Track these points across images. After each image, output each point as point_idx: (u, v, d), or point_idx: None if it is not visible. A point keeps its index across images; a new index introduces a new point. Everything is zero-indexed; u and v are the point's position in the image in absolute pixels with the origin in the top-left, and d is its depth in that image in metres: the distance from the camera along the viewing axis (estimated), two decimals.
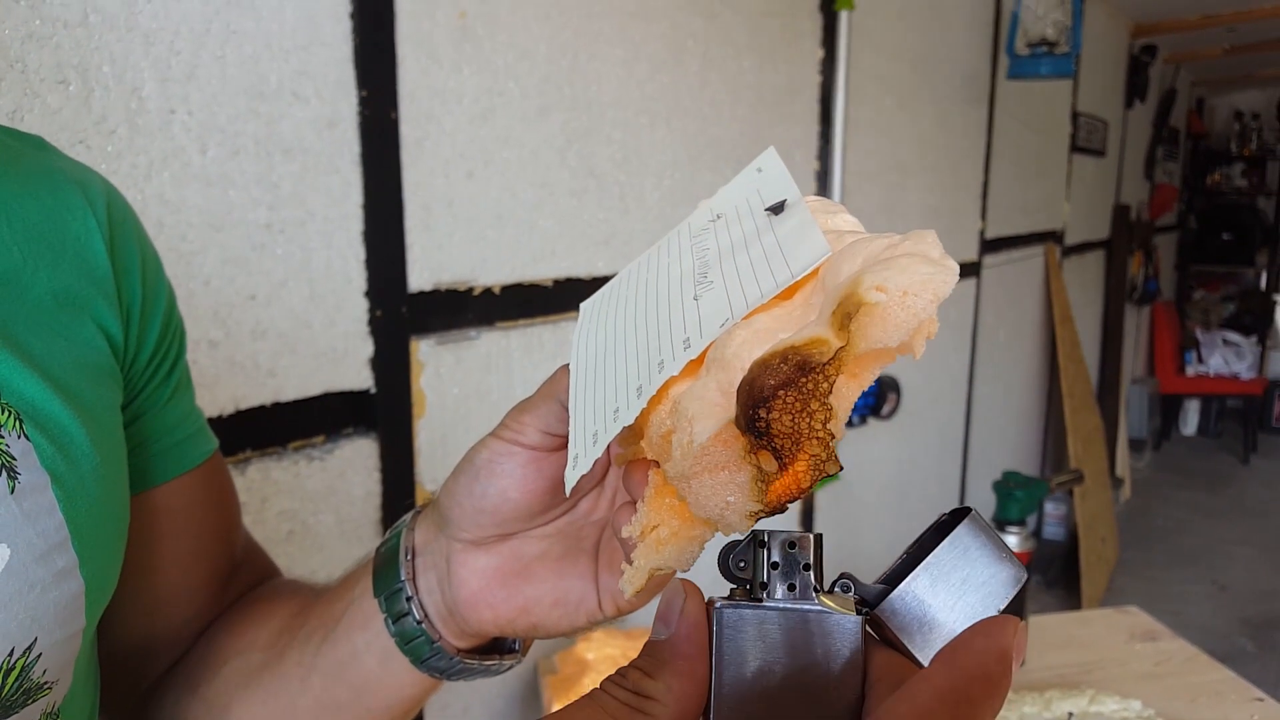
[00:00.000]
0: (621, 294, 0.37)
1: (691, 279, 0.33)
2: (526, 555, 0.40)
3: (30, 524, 0.36)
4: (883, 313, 0.27)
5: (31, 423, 0.37)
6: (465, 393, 1.15)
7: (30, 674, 0.36)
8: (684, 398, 0.29)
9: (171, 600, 0.50)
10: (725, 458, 0.29)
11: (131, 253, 0.45)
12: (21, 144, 0.44)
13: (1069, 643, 1.34)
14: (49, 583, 0.36)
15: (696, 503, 0.30)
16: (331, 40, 0.96)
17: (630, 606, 0.39)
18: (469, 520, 0.40)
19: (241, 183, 0.90)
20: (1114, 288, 4.40)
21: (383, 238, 1.03)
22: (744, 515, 0.29)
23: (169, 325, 0.47)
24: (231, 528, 0.54)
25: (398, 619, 0.42)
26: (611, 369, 0.34)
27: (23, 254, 0.39)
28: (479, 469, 0.39)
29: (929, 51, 2.29)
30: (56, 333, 0.40)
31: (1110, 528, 3.61)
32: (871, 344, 0.27)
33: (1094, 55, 3.73)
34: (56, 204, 0.42)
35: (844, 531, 2.14)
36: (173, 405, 0.48)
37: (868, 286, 0.27)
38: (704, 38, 1.48)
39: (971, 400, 2.87)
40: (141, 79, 0.83)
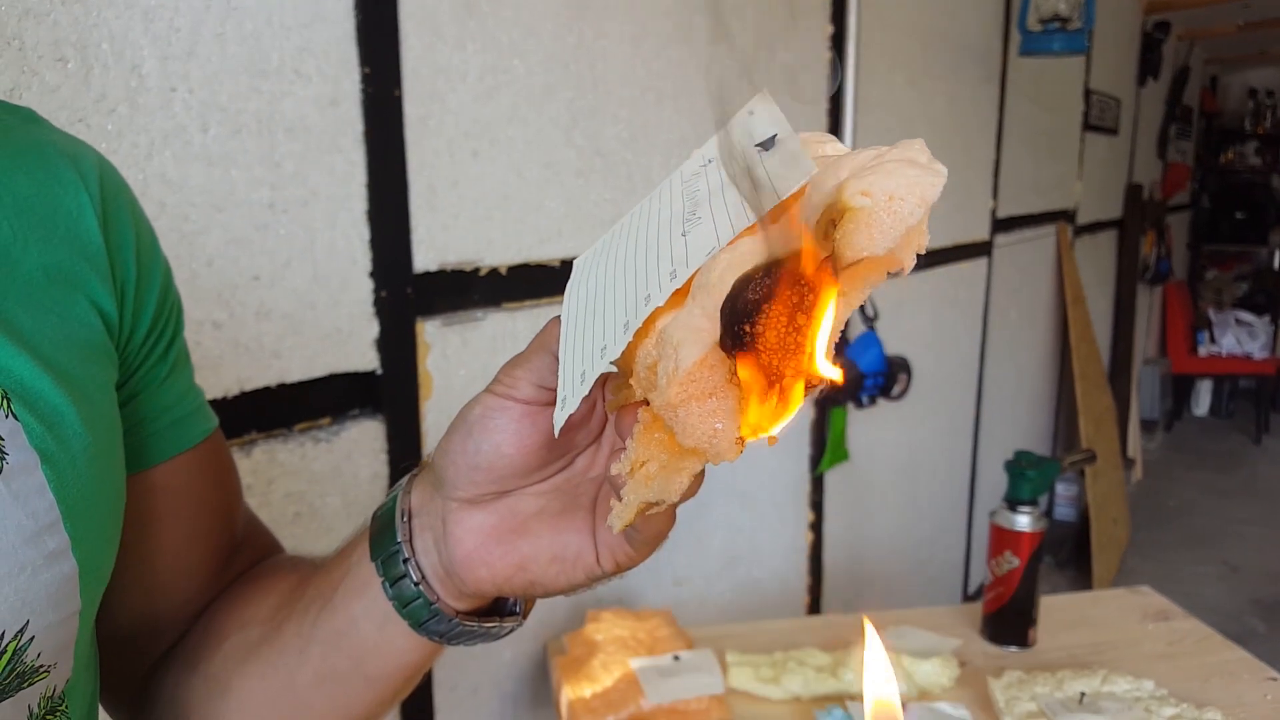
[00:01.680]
0: (612, 245, 0.37)
1: (681, 219, 0.33)
2: (523, 512, 0.40)
3: (19, 505, 0.35)
4: (868, 217, 0.26)
5: (20, 401, 0.36)
6: (472, 374, 1.15)
7: (23, 657, 0.35)
8: (669, 326, 0.29)
9: (172, 580, 0.50)
10: (711, 383, 0.28)
11: (125, 228, 0.44)
12: (12, 117, 0.43)
13: (1081, 623, 1.34)
14: (40, 564, 0.35)
15: (684, 432, 0.29)
16: (333, 16, 0.95)
17: (628, 560, 0.38)
18: (464, 478, 0.39)
19: (244, 162, 0.89)
20: (1126, 267, 4.35)
21: (387, 218, 1.02)
22: (733, 441, 0.28)
23: (165, 301, 0.46)
24: (232, 507, 0.54)
25: (395, 581, 0.41)
26: (600, 313, 0.33)
27: (12, 229, 0.38)
28: (472, 425, 0.38)
29: (939, 28, 2.26)
30: (47, 309, 0.39)
31: (1121, 508, 3.59)
32: (858, 252, 0.26)
33: (1106, 32, 3.68)
34: (47, 178, 0.41)
35: (855, 513, 2.13)
36: (170, 383, 0.47)
37: (852, 192, 0.26)
38: (712, 13, 1.45)
39: (983, 380, 2.85)
40: (141, 56, 0.82)
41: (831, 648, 1.20)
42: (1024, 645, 1.26)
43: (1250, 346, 5.38)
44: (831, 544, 2.04)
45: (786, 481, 1.87)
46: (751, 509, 1.75)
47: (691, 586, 1.59)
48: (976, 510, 2.89)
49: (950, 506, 2.71)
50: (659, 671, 1.11)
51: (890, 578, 2.34)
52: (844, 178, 0.27)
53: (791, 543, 1.91)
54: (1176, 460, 4.80)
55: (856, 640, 1.23)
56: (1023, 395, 3.31)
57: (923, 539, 2.51)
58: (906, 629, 1.26)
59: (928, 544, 2.58)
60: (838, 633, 1.28)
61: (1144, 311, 4.98)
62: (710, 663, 1.15)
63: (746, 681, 1.13)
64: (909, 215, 0.26)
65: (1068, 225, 3.50)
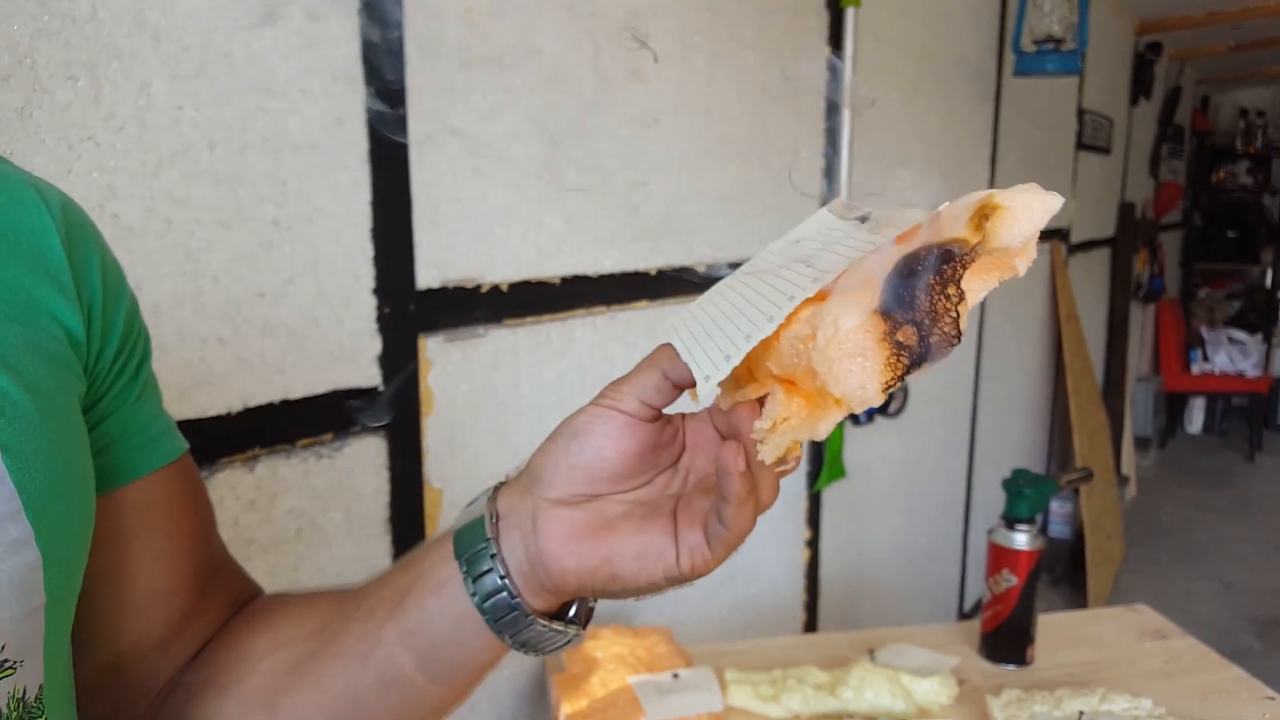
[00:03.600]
0: (712, 300, 0.43)
1: (798, 265, 0.39)
2: (610, 514, 0.44)
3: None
4: (1012, 215, 0.34)
5: None
6: (473, 390, 1.15)
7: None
8: (826, 305, 0.36)
9: (152, 600, 0.50)
10: (863, 345, 0.35)
11: (90, 251, 0.45)
12: None
13: (1079, 641, 1.34)
14: (1, 553, 0.36)
15: (836, 382, 0.36)
16: (339, 37, 0.96)
17: (704, 563, 0.42)
18: (561, 477, 0.43)
19: (250, 180, 0.90)
20: (1119, 285, 4.38)
21: (391, 235, 1.02)
22: (880, 387, 0.35)
23: (132, 327, 0.47)
24: (206, 529, 0.54)
25: (478, 577, 0.44)
26: (726, 326, 0.39)
27: None
28: (577, 429, 0.43)
29: (935, 47, 2.28)
30: (9, 319, 0.39)
31: (1116, 526, 3.60)
32: (1002, 242, 0.33)
33: (1099, 52, 3.72)
34: (10, 200, 0.42)
35: (851, 529, 2.13)
36: (140, 405, 0.48)
37: (1000, 198, 0.34)
38: (710, 33, 1.47)
39: (978, 398, 2.87)
40: (150, 75, 0.82)
41: (830, 666, 1.20)
42: (1022, 663, 1.26)
43: (1243, 364, 5.41)
44: (828, 560, 2.04)
45: (784, 498, 1.87)
46: None
47: (689, 603, 1.59)
48: (972, 526, 2.89)
49: (946, 522, 2.71)
50: (658, 689, 1.11)
51: (887, 594, 2.34)
52: (987, 194, 0.35)
53: (789, 559, 1.91)
54: (1170, 477, 4.81)
55: (855, 658, 1.23)
56: (1017, 412, 3.32)
57: (919, 555, 2.52)
58: (905, 647, 1.26)
59: (924, 560, 2.58)
60: (836, 650, 1.28)
61: (1137, 329, 5.00)
62: (709, 681, 1.15)
63: (746, 699, 1.13)
64: (1039, 219, 0.34)
65: (1061, 243, 3.53)
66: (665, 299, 1.45)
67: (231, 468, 0.92)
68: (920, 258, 0.34)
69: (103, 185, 0.80)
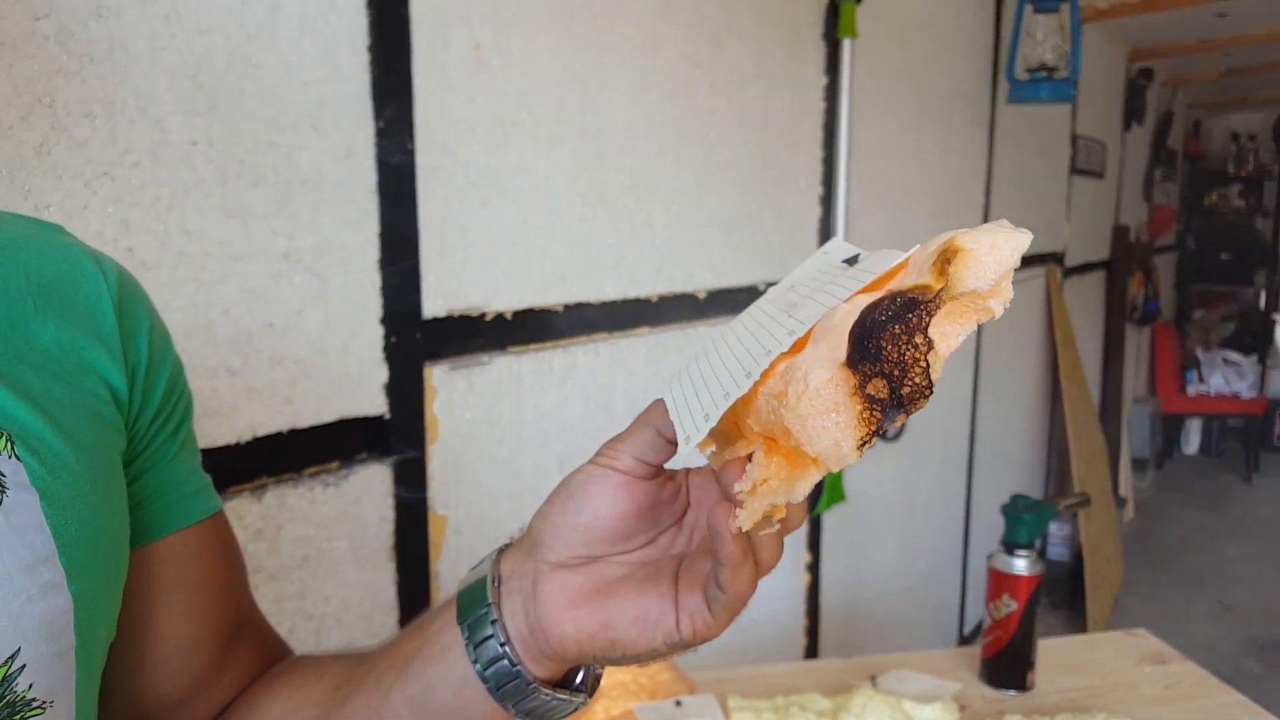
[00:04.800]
0: (704, 354, 0.42)
1: (782, 314, 0.38)
2: (610, 576, 0.43)
3: (17, 536, 0.37)
4: (976, 258, 0.32)
5: (23, 445, 0.39)
6: (477, 418, 1.16)
7: (14, 685, 0.37)
8: (798, 359, 0.35)
9: (177, 654, 0.51)
10: (835, 400, 0.33)
11: (139, 319, 0.47)
12: (42, 227, 0.47)
13: (1079, 666, 1.34)
14: (34, 594, 0.38)
15: (811, 441, 0.34)
16: (349, 73, 0.98)
17: (705, 629, 0.41)
18: (560, 540, 0.42)
19: (261, 213, 0.91)
20: (1115, 308, 4.41)
21: (398, 265, 1.04)
22: (855, 444, 0.33)
23: (174, 389, 0.50)
24: (235, 586, 0.55)
25: (480, 643, 0.43)
26: (710, 383, 0.38)
27: (35, 305, 0.42)
28: (574, 490, 0.42)
29: (930, 76, 2.32)
30: (58, 377, 0.42)
31: (1115, 548, 3.61)
32: (966, 286, 0.32)
33: (1092, 79, 3.77)
34: (71, 269, 0.45)
35: (851, 555, 2.14)
36: (177, 463, 0.50)
37: (962, 240, 0.33)
38: (711, 67, 1.50)
39: (975, 421, 2.88)
40: (165, 112, 0.84)
41: (833, 692, 1.21)
42: (1022, 689, 1.27)
43: (1238, 386, 5.44)
44: (829, 585, 2.04)
45: None
46: None
47: None
48: (971, 550, 2.90)
49: (946, 547, 2.72)
50: (661, 716, 1.12)
51: (887, 618, 2.34)
52: (949, 236, 0.33)
53: (790, 584, 1.92)
54: (1168, 499, 4.82)
55: (857, 684, 1.23)
56: (1015, 435, 3.33)
57: (919, 579, 2.52)
58: (907, 673, 1.27)
59: (924, 584, 2.59)
60: (839, 677, 1.28)
61: (1133, 351, 5.03)
62: (713, 708, 1.15)
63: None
64: (1006, 260, 0.33)
65: (1057, 267, 3.56)
66: (666, 325, 1.46)
67: (240, 497, 0.93)
68: (883, 307, 0.33)
69: (118, 220, 0.82)
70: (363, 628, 1.05)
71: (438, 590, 1.14)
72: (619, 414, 1.39)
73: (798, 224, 1.80)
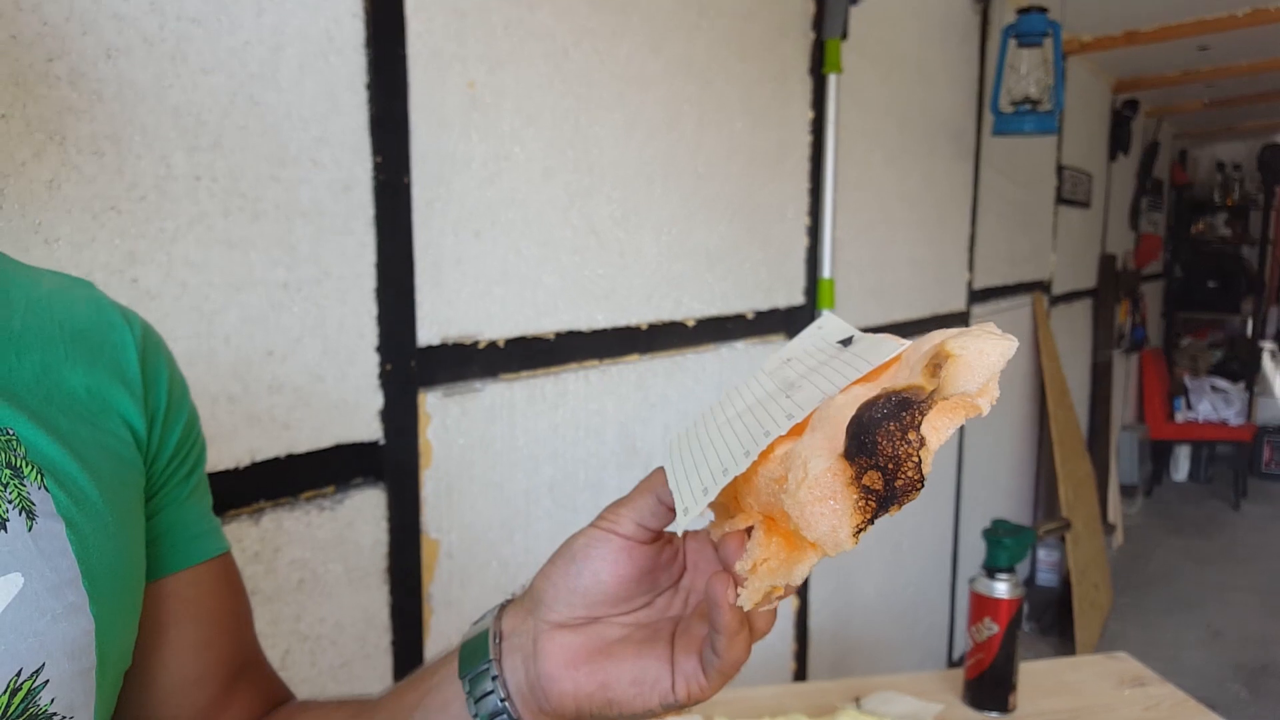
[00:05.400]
0: (708, 418, 0.44)
1: (780, 392, 0.40)
2: (609, 637, 0.44)
3: (44, 559, 0.40)
4: (966, 364, 0.35)
5: (51, 478, 0.42)
6: (470, 443, 1.19)
7: (37, 699, 0.40)
8: (797, 446, 0.37)
9: (182, 686, 0.54)
10: (832, 488, 0.35)
11: (160, 368, 0.51)
12: (74, 282, 0.51)
13: (1060, 689, 1.37)
14: (59, 613, 0.41)
15: (809, 527, 0.36)
16: (348, 109, 1.01)
17: (700, 691, 0.43)
18: (562, 600, 0.44)
19: (262, 245, 0.94)
20: (1102, 335, 4.46)
21: (394, 295, 1.07)
22: (851, 532, 0.35)
23: (189, 434, 0.53)
24: (240, 624, 0.58)
25: (480, 698, 0.45)
26: (709, 455, 0.40)
27: (65, 352, 0.46)
28: (576, 553, 0.44)
29: (915, 110, 2.37)
30: (85, 419, 0.46)
31: (1103, 574, 3.63)
32: (957, 389, 0.34)
33: (1077, 110, 3.85)
34: (100, 320, 0.49)
35: (837, 582, 2.16)
36: (190, 504, 0.54)
37: (954, 346, 0.35)
38: (699, 102, 1.54)
39: (962, 449, 2.91)
40: (170, 148, 0.88)
41: (818, 714, 1.23)
42: (1004, 710, 1.29)
43: (1226, 413, 5.49)
44: (817, 610, 2.06)
45: None
46: None
47: None
48: (959, 575, 2.92)
49: (934, 572, 2.74)
50: None
51: (876, 644, 2.35)
52: (940, 340, 0.36)
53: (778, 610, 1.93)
54: (1157, 525, 4.84)
55: (842, 705, 1.25)
56: (1003, 462, 3.37)
57: (907, 604, 2.54)
58: (890, 694, 1.29)
59: (912, 610, 2.60)
60: (824, 698, 1.31)
61: (1121, 379, 5.08)
62: None
63: None
64: (993, 365, 0.35)
65: (1043, 295, 3.61)
66: (656, 353, 1.50)
67: (238, 520, 0.95)
68: (879, 405, 0.34)
69: (124, 251, 0.85)
70: (357, 649, 1.07)
71: (430, 613, 1.16)
72: (609, 440, 1.42)
73: (786, 254, 1.85)
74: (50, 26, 0.78)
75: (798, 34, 1.81)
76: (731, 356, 1.70)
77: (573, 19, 1.28)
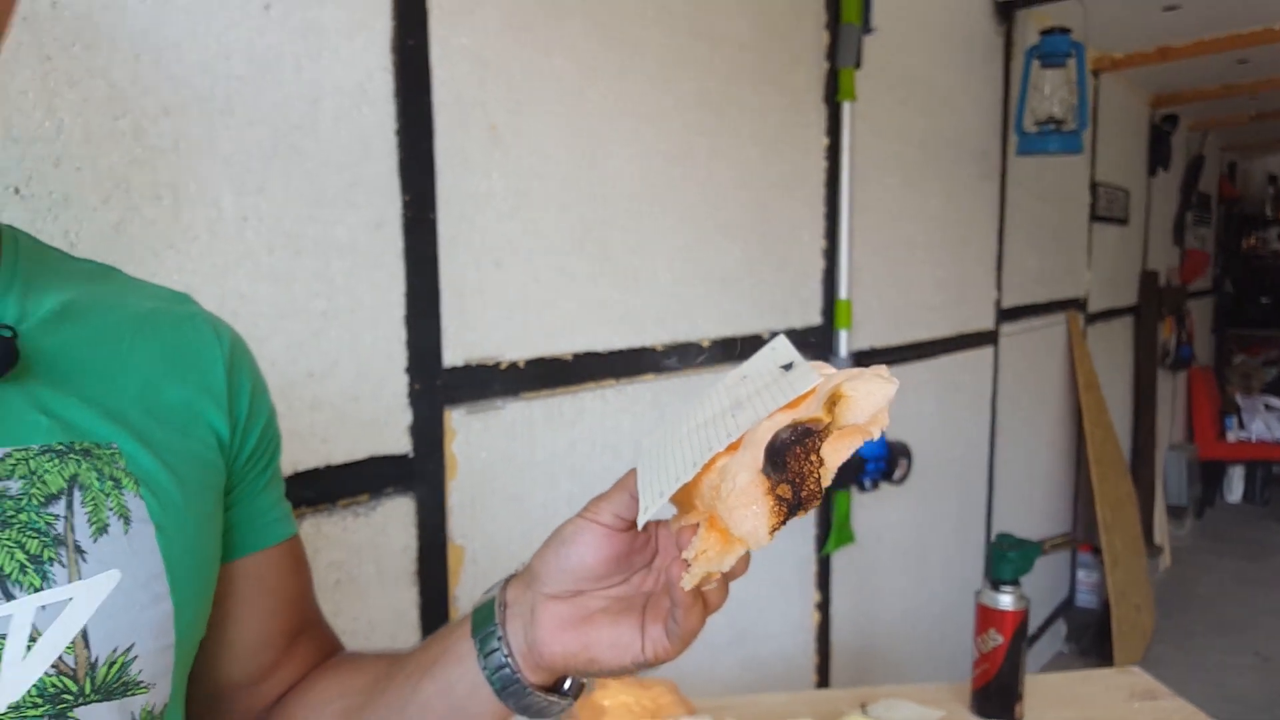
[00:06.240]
0: (674, 425, 0.54)
1: (729, 411, 0.50)
2: (591, 608, 0.53)
3: (137, 558, 0.50)
4: (855, 402, 0.45)
5: (145, 487, 0.52)
6: (492, 457, 1.28)
7: (129, 670, 0.49)
8: (729, 463, 0.46)
9: (249, 650, 0.64)
10: (754, 496, 0.45)
11: (244, 378, 0.62)
12: (174, 297, 0.62)
13: (1069, 701, 1.40)
14: (146, 602, 0.50)
15: (736, 526, 0.46)
16: (380, 154, 1.12)
17: (664, 653, 0.52)
18: (553, 577, 0.53)
19: (302, 278, 1.05)
20: (1144, 353, 4.42)
21: (421, 321, 1.17)
22: (767, 531, 0.45)
23: (267, 433, 0.64)
24: (303, 595, 0.69)
25: (488, 654, 0.55)
26: (669, 462, 0.49)
27: (164, 370, 0.56)
28: (564, 538, 0.53)
29: (936, 132, 2.43)
30: (177, 429, 0.55)
31: (1146, 596, 3.59)
32: (846, 421, 0.44)
33: (1111, 127, 3.85)
34: (195, 337, 0.59)
35: (862, 594, 2.20)
36: (264, 495, 0.64)
37: (845, 386, 0.45)
38: (712, 133, 1.63)
39: (994, 466, 2.93)
40: (220, 193, 0.99)
41: (824, 719, 1.28)
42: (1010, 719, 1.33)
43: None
44: (839, 623, 2.11)
45: (792, 561, 1.96)
46: (758, 587, 1.84)
47: (697, 660, 1.68)
48: None
49: (962, 588, 2.75)
50: None
51: (900, 657, 2.38)
52: (840, 380, 0.46)
53: (798, 622, 1.99)
54: (1207, 547, 4.75)
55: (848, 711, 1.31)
56: (1038, 480, 3.36)
57: (933, 620, 2.56)
58: (896, 701, 1.34)
59: (939, 624, 2.62)
60: (833, 705, 1.36)
61: (1167, 397, 5.00)
62: None
63: None
64: (878, 403, 0.45)
65: (1079, 313, 3.60)
66: (671, 372, 1.58)
67: None
68: (789, 432, 0.44)
69: (181, 285, 0.95)
70: (387, 642, 1.16)
71: (456, 613, 1.24)
72: (625, 455, 1.50)
73: (802, 275, 1.92)
74: (116, 89, 0.90)
75: (811, 64, 1.89)
76: None
77: (586, 60, 1.38)
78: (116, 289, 0.58)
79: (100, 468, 0.50)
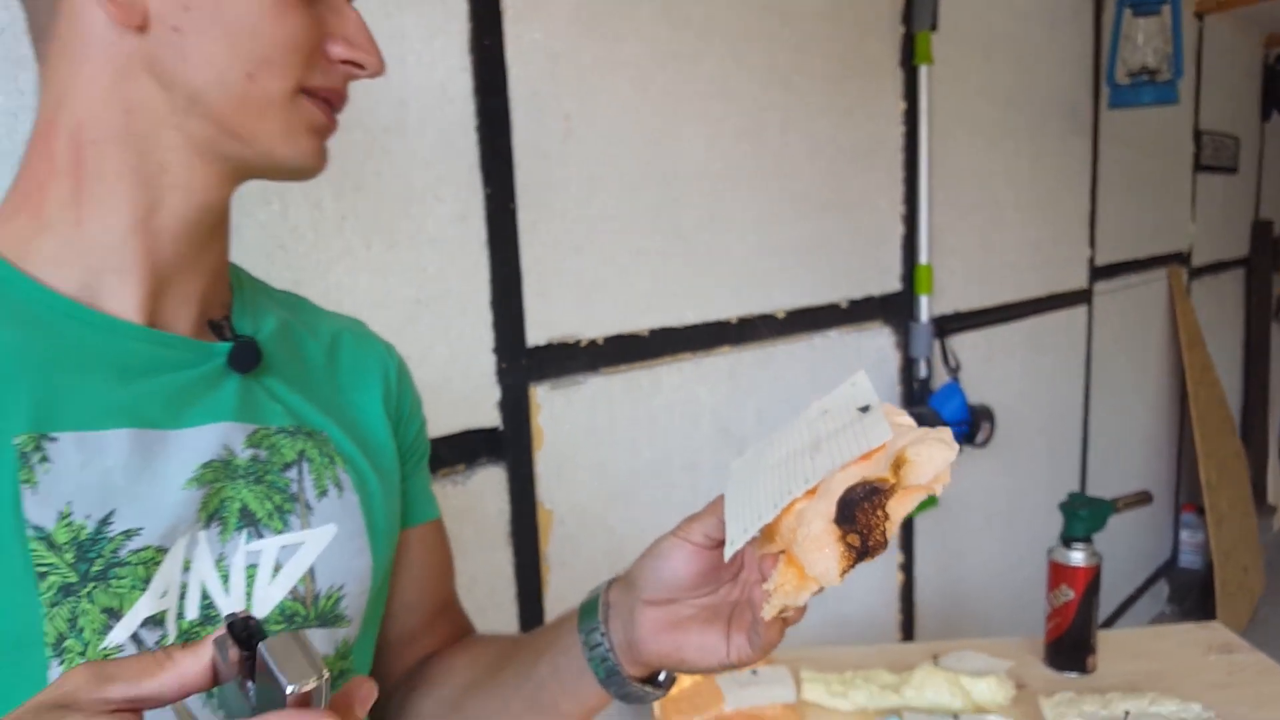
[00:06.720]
0: (761, 454, 0.59)
1: (808, 449, 0.56)
2: (683, 615, 0.60)
3: (348, 517, 0.64)
4: (918, 467, 0.50)
5: (349, 465, 0.66)
6: (575, 429, 1.37)
7: (339, 605, 0.63)
8: (805, 510, 0.51)
9: (403, 609, 0.77)
10: (826, 543, 0.50)
11: (406, 389, 0.77)
12: (351, 321, 0.78)
13: (1143, 654, 1.41)
14: (354, 553, 0.64)
15: (811, 567, 0.51)
16: (462, 150, 1.21)
17: (747, 658, 0.57)
18: (649, 585, 0.60)
19: (398, 269, 1.15)
20: (1256, 307, 4.21)
21: (506, 305, 1.26)
22: (838, 573, 0.51)
23: (419, 436, 0.79)
24: (444, 572, 0.82)
25: (593, 647, 0.62)
26: (755, 497, 0.55)
27: (354, 380, 0.71)
28: (660, 552, 0.60)
29: (1021, 90, 2.38)
30: (366, 425, 0.70)
31: (1255, 557, 3.46)
32: (909, 482, 0.50)
33: (1218, 71, 3.66)
34: (372, 355, 0.75)
35: (947, 556, 2.23)
36: (415, 481, 0.77)
37: (909, 451, 0.50)
38: (783, 106, 1.66)
39: (1088, 427, 2.88)
40: (321, 195, 1.09)
41: (898, 670, 1.34)
42: (1083, 671, 1.36)
43: None
44: (923, 584, 2.14)
45: None
46: None
47: None
48: None
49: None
50: (738, 682, 1.29)
51: (986, 617, 2.40)
52: (905, 442, 0.50)
53: (881, 582, 2.03)
54: None
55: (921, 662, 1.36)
56: (1136, 440, 3.28)
57: (1024, 581, 2.56)
58: (967, 653, 1.38)
59: (1029, 586, 2.61)
60: (907, 657, 1.41)
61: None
62: (785, 677, 1.31)
63: (818, 695, 1.29)
64: (939, 465, 0.50)
65: (1181, 268, 3.47)
66: (746, 344, 1.63)
67: None
68: (860, 489, 0.50)
69: (290, 280, 1.07)
70: (488, 599, 1.28)
71: (548, 570, 1.35)
72: (703, 425, 1.57)
73: (880, 242, 1.93)
74: None
75: (885, 30, 1.89)
76: (825, 345, 1.81)
77: (656, 46, 1.43)
78: (312, 314, 0.74)
79: (319, 446, 0.64)
